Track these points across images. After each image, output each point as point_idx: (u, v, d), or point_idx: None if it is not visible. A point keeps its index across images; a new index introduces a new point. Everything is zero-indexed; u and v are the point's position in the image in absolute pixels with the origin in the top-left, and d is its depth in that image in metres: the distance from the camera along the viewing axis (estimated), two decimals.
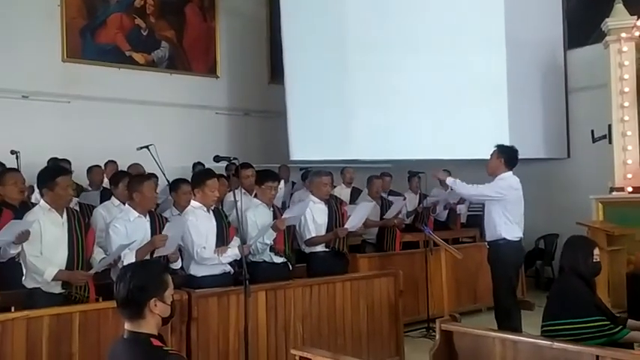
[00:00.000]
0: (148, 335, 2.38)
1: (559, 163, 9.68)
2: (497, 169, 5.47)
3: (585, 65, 9.27)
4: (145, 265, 2.84)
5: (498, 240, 5.36)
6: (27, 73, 8.01)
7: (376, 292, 5.37)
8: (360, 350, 5.11)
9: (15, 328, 3.69)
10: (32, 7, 8.14)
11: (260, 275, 4.93)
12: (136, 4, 9.09)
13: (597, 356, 3.26)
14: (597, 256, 3.76)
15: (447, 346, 4.08)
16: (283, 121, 8.68)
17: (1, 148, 6.63)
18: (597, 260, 3.75)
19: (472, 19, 8.82)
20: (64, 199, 4.25)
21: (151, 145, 6.95)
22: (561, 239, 8.97)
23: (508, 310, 5.31)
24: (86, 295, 4.18)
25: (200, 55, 9.66)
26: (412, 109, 8.64)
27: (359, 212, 5.84)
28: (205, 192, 4.81)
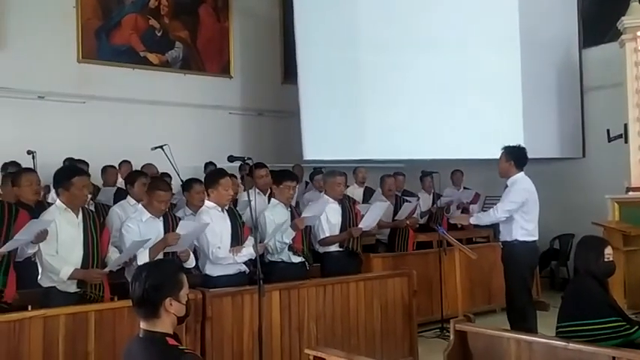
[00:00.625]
0: (163, 334, 2.39)
1: (574, 163, 9.60)
2: (508, 171, 5.45)
3: (601, 64, 9.18)
4: (161, 264, 2.85)
5: (513, 241, 5.33)
6: (43, 73, 8.07)
7: (390, 292, 5.35)
8: (373, 350, 5.10)
9: (32, 327, 3.71)
10: (48, 8, 8.20)
11: (278, 275, 4.97)
12: (150, 4, 9.14)
13: (613, 357, 3.23)
14: (609, 255, 3.72)
15: (462, 346, 4.06)
16: (296, 121, 8.69)
17: (18, 148, 6.68)
18: (609, 260, 3.72)
19: (486, 18, 8.78)
20: (80, 199, 4.27)
21: (165, 145, 6.99)
22: (576, 239, 8.78)
23: (523, 310, 5.28)
24: (101, 294, 4.21)
25: (214, 55, 9.69)
26: (425, 108, 8.61)
27: (373, 212, 5.83)
28: (219, 191, 4.83)
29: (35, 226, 3.86)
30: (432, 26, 8.70)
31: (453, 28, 8.67)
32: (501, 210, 5.36)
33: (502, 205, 5.37)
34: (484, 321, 6.52)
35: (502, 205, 5.37)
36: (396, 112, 8.58)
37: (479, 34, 8.71)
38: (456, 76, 8.62)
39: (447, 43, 8.66)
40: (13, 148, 6.75)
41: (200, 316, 4.28)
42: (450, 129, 8.51)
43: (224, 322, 4.43)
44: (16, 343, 3.65)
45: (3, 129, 7.58)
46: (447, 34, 8.68)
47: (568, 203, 8.77)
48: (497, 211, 5.38)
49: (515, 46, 8.98)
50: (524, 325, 5.00)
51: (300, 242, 5.26)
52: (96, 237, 4.27)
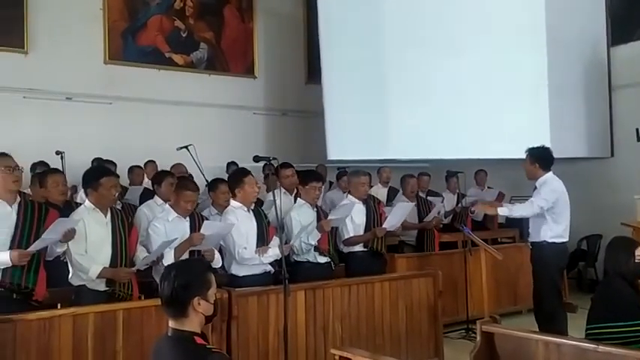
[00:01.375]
0: (191, 333, 2.41)
1: (602, 163, 9.46)
2: (535, 173, 5.38)
3: (629, 62, 9.05)
4: (189, 264, 2.87)
5: (542, 242, 5.27)
6: (70, 75, 8.19)
7: (415, 292, 5.33)
8: (399, 350, 5.08)
9: (62, 325, 3.76)
10: (75, 11, 8.33)
11: (303, 275, 4.98)
12: (175, 6, 9.23)
13: None
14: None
15: (488, 348, 4.03)
16: (320, 121, 8.70)
17: (47, 148, 6.77)
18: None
19: (512, 17, 8.67)
20: (108, 199, 4.31)
21: (190, 145, 7.05)
22: (605, 240, 8.76)
23: (552, 312, 5.20)
24: (129, 292, 4.24)
25: (238, 55, 9.75)
26: (450, 108, 8.54)
27: (397, 212, 5.82)
28: (245, 190, 4.85)
29: (62, 225, 3.90)
30: (456, 25, 8.63)
31: (478, 26, 8.59)
32: (536, 205, 5.28)
33: (536, 200, 5.29)
34: (510, 322, 6.45)
35: (536, 201, 5.29)
36: (421, 111, 8.53)
37: (504, 33, 8.62)
38: (480, 75, 8.54)
39: (472, 41, 8.58)
40: (42, 149, 6.84)
41: (226, 316, 4.29)
42: (475, 128, 8.43)
43: (250, 322, 4.44)
44: (47, 340, 3.71)
45: (32, 130, 7.70)
46: (471, 33, 8.60)
47: (596, 203, 8.65)
48: (533, 205, 5.30)
49: (541, 43, 8.85)
50: (554, 328, 4.93)
51: (326, 243, 5.26)
52: (124, 236, 4.31)
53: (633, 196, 7.76)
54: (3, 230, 3.85)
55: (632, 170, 8.55)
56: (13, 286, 3.82)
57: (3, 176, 3.87)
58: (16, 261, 3.74)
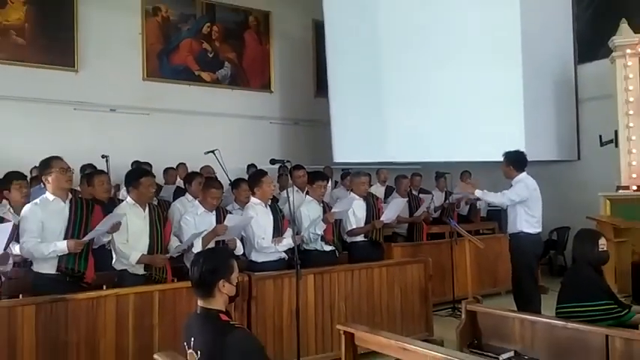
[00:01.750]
0: (217, 311, 2.41)
1: (570, 165, 9.42)
2: (511, 173, 5.35)
3: (594, 78, 8.99)
4: (215, 251, 2.88)
5: (519, 232, 5.23)
6: (114, 90, 8.20)
7: (408, 276, 5.30)
8: (394, 326, 5.05)
9: (107, 303, 3.78)
10: (118, 35, 8.34)
11: (312, 261, 4.97)
12: (203, 30, 9.23)
13: (607, 335, 3.17)
14: (603, 245, 3.64)
15: (472, 324, 4.02)
16: (327, 128, 8.69)
17: (94, 153, 6.77)
18: (604, 249, 3.63)
19: (491, 37, 8.66)
20: (147, 196, 4.33)
21: (216, 150, 7.05)
22: (572, 232, 8.72)
23: (529, 294, 5.17)
24: (164, 276, 4.26)
25: (257, 73, 9.75)
26: (440, 117, 8.52)
27: (393, 207, 5.80)
28: (263, 188, 4.86)
29: (111, 219, 3.93)
30: (444, 46, 8.59)
31: (462, 46, 8.57)
32: (507, 197, 5.25)
33: (508, 193, 5.27)
34: (490, 302, 6.43)
35: (508, 194, 5.26)
36: (414, 120, 8.50)
37: (485, 51, 8.59)
38: (465, 88, 8.51)
39: (457, 60, 8.56)
40: (90, 153, 6.83)
41: (246, 296, 4.30)
42: (461, 134, 8.41)
43: (267, 301, 4.44)
44: (94, 316, 3.72)
45: (81, 137, 7.71)
46: (456, 53, 8.57)
47: (565, 200, 8.60)
48: (504, 196, 5.27)
49: (517, 61, 8.84)
50: (530, 308, 4.90)
51: (330, 233, 5.25)
52: (160, 228, 4.32)
53: (597, 193, 7.75)
54: (58, 223, 3.87)
55: (596, 171, 8.52)
56: (68, 270, 3.84)
57: (58, 176, 3.90)
58: (72, 249, 3.77)
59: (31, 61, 7.74)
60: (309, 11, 9.78)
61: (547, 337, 3.50)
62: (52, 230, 3.84)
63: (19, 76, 7.59)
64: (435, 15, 8.62)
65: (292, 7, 9.96)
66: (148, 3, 8.73)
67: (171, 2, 8.93)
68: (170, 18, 8.93)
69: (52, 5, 7.92)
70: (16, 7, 7.73)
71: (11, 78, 7.53)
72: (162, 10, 8.85)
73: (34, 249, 3.73)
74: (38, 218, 3.81)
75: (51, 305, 3.58)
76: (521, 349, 3.64)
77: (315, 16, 9.68)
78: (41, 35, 7.84)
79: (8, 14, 7.68)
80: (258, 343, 2.40)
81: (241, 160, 8.18)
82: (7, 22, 7.67)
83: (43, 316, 3.54)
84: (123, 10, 8.44)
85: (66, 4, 7.99)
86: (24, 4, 7.77)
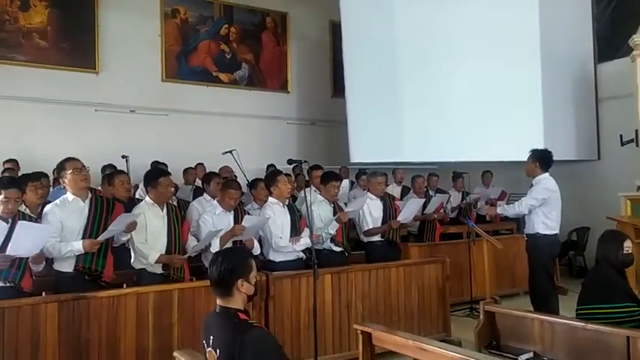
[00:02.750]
0: (236, 310, 2.42)
1: (590, 164, 9.28)
2: (534, 171, 5.28)
3: (614, 77, 8.85)
4: (234, 251, 2.88)
5: (536, 233, 5.17)
6: (134, 91, 8.27)
7: (426, 276, 5.27)
8: (411, 326, 5.03)
9: (127, 301, 3.82)
10: (138, 37, 8.42)
11: (323, 261, 4.92)
12: (221, 32, 9.28)
13: (628, 337, 3.11)
14: (628, 248, 3.59)
15: (490, 324, 3.99)
16: (344, 129, 8.67)
17: (114, 153, 6.85)
18: (628, 252, 3.58)
19: (511, 36, 8.55)
20: (165, 196, 4.35)
21: (233, 150, 7.06)
22: (592, 232, 8.62)
23: (545, 295, 5.10)
24: (182, 275, 4.27)
25: (274, 74, 9.77)
26: (457, 117, 8.44)
27: (410, 207, 5.77)
28: (280, 187, 4.87)
29: (125, 218, 3.95)
30: (462, 45, 8.51)
31: (481, 46, 8.47)
32: (525, 205, 5.22)
33: (526, 200, 5.22)
34: (509, 303, 6.39)
35: (526, 200, 5.22)
36: (431, 120, 8.44)
37: (504, 50, 8.49)
38: (483, 88, 8.42)
39: (476, 58, 8.46)
40: (110, 153, 6.92)
41: (264, 295, 4.31)
42: (479, 134, 8.32)
43: (284, 300, 4.45)
44: (115, 314, 3.76)
45: (102, 137, 7.79)
46: (475, 51, 8.48)
47: (585, 200, 8.48)
48: (522, 205, 5.23)
49: (536, 61, 8.73)
50: (547, 308, 4.84)
51: (340, 235, 5.22)
52: (178, 228, 4.34)
53: (617, 193, 7.61)
54: (77, 222, 3.92)
55: (616, 171, 8.38)
56: (85, 269, 3.89)
57: (73, 177, 3.95)
58: (87, 248, 3.82)
59: (53, 64, 7.85)
60: (326, 12, 9.78)
61: (567, 338, 3.46)
62: (71, 229, 3.89)
63: (41, 78, 7.71)
64: (452, 14, 8.55)
65: (309, 8, 9.97)
66: (167, 5, 8.80)
67: (189, 4, 8.99)
68: (188, 20, 8.99)
69: (74, 8, 8.03)
70: (38, 10, 7.86)
71: (34, 80, 7.65)
72: (181, 12, 8.92)
73: (52, 248, 3.78)
74: (57, 218, 3.86)
75: (73, 303, 3.63)
76: (540, 351, 3.61)
77: (331, 17, 9.68)
78: (63, 38, 7.95)
79: (31, 17, 7.81)
80: (276, 342, 2.41)
81: (259, 160, 8.19)
82: (30, 25, 7.79)
83: (66, 314, 3.59)
84: (142, 13, 8.52)
85: (87, 8, 8.09)
86: (46, 8, 7.89)
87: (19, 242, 3.46)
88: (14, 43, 7.65)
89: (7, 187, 3.64)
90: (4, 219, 3.60)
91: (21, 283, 3.64)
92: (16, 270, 3.61)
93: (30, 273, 3.74)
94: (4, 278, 3.57)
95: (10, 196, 3.60)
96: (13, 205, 3.63)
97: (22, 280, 3.64)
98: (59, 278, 3.90)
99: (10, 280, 3.60)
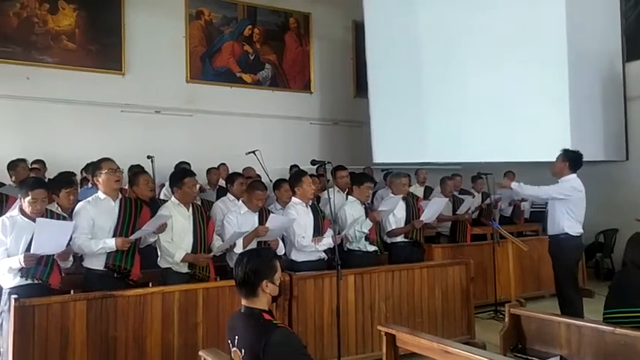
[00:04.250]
0: (260, 310, 2.44)
1: (618, 165, 9.09)
2: (562, 171, 5.19)
3: None
4: (260, 252, 2.90)
5: (559, 234, 5.09)
6: (159, 92, 8.36)
7: (450, 278, 5.24)
8: (435, 328, 5.01)
9: (153, 300, 3.87)
10: (163, 39, 8.50)
11: (355, 261, 4.96)
12: (245, 33, 9.34)
13: None
14: None
15: (515, 328, 3.95)
16: (367, 129, 8.64)
17: (140, 153, 6.88)
18: None
19: (537, 34, 8.43)
20: (190, 196, 4.41)
21: (257, 151, 7.11)
22: (620, 234, 8.45)
23: (569, 297, 5.04)
24: (207, 274, 4.32)
25: (297, 74, 9.79)
26: (480, 116, 8.35)
27: (433, 206, 5.74)
28: (304, 188, 4.88)
29: (159, 219, 4.04)
30: (487, 43, 8.41)
31: (507, 45, 8.36)
32: (544, 192, 5.11)
33: (548, 188, 5.12)
34: (534, 305, 6.30)
35: (548, 189, 5.12)
36: (454, 119, 8.37)
37: (530, 49, 8.36)
38: (508, 87, 8.31)
39: (500, 57, 8.36)
40: (136, 154, 6.96)
41: (288, 295, 4.33)
42: (504, 134, 8.23)
43: (307, 301, 4.46)
44: (141, 312, 3.82)
45: (127, 138, 7.87)
46: (500, 50, 8.37)
47: (612, 201, 8.32)
48: (541, 190, 5.13)
49: (563, 60, 8.58)
50: (571, 311, 4.78)
51: (374, 233, 5.24)
52: (203, 227, 4.39)
53: None
54: (108, 221, 4.01)
55: None
56: (115, 267, 3.96)
57: (108, 177, 4.03)
58: (120, 246, 3.90)
59: (81, 65, 7.99)
60: (349, 12, 9.76)
61: (594, 342, 3.40)
62: (102, 227, 3.97)
63: (69, 79, 7.85)
64: (477, 14, 8.46)
65: (332, 9, 9.97)
66: (192, 7, 8.89)
67: (214, 6, 9.07)
68: (213, 21, 9.07)
69: (101, 11, 8.16)
70: (67, 13, 8.01)
71: (62, 81, 7.79)
72: (206, 14, 9.00)
73: (84, 245, 3.86)
74: (90, 216, 3.94)
75: (101, 301, 3.70)
76: (567, 355, 3.56)
77: (354, 17, 9.66)
78: (90, 40, 8.09)
79: (60, 20, 7.97)
80: (300, 342, 2.42)
81: (282, 161, 8.22)
82: (59, 27, 7.95)
83: (94, 312, 3.66)
84: (167, 15, 8.62)
85: (114, 11, 8.22)
86: (74, 11, 8.04)
87: (41, 240, 3.54)
88: (43, 45, 7.81)
89: (33, 187, 3.73)
90: (32, 219, 3.69)
91: (49, 280, 3.72)
92: (44, 267, 3.70)
93: (58, 270, 3.82)
94: (32, 275, 3.66)
95: (38, 196, 3.70)
96: (40, 205, 3.72)
97: (50, 277, 3.73)
98: (89, 276, 3.99)
99: (38, 277, 3.68)
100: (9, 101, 7.47)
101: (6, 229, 3.64)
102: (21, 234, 3.64)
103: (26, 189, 3.72)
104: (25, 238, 3.63)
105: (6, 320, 3.58)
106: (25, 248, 3.60)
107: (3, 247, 3.63)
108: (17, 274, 3.64)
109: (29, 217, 3.70)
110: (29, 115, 7.57)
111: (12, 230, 3.64)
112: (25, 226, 3.67)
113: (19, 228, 3.66)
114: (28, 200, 3.68)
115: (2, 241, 3.63)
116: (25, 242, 3.62)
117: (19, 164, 5.95)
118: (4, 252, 3.62)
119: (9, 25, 7.61)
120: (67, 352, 3.56)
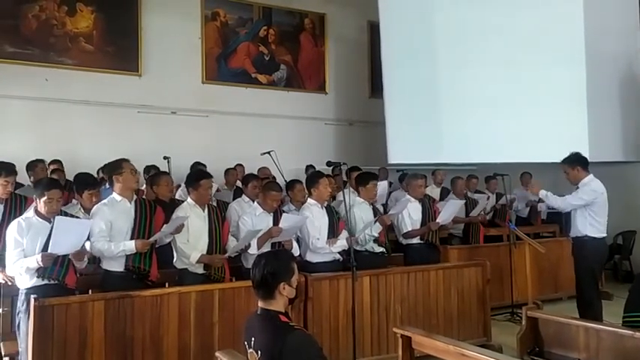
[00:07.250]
0: (277, 312, 2.44)
1: (637, 166, 8.94)
2: (578, 176, 5.14)
3: None
4: (277, 254, 2.90)
5: (583, 236, 5.04)
6: (175, 93, 8.44)
7: (466, 279, 5.20)
8: (451, 330, 4.97)
9: (170, 300, 3.90)
10: (179, 41, 8.58)
11: (363, 262, 4.91)
12: (260, 34, 9.38)
13: None
14: None
15: (533, 330, 3.91)
16: (382, 129, 8.64)
17: (156, 154, 6.98)
18: None
19: (554, 34, 8.32)
20: (206, 197, 4.43)
21: (272, 151, 7.13)
22: (638, 235, 8.33)
23: (590, 300, 4.98)
24: (223, 275, 4.33)
25: (312, 75, 9.81)
26: (496, 117, 8.26)
27: (449, 208, 5.70)
28: (320, 189, 4.88)
29: (177, 221, 4.08)
30: (502, 43, 8.32)
31: (523, 45, 8.27)
32: (568, 202, 5.10)
33: (571, 198, 5.09)
34: (551, 308, 6.22)
35: (571, 199, 5.09)
36: (470, 120, 8.30)
37: (547, 49, 8.26)
38: (525, 87, 8.21)
39: (518, 58, 8.27)
40: (152, 154, 7.04)
41: (303, 297, 4.31)
42: (520, 135, 8.12)
43: (323, 302, 4.46)
44: (158, 312, 3.85)
45: (144, 138, 7.96)
46: (516, 50, 8.28)
47: (631, 203, 8.20)
48: (565, 201, 5.11)
49: (581, 60, 8.45)
50: (590, 314, 4.72)
51: (383, 235, 5.21)
52: (218, 228, 4.40)
53: None
54: (125, 223, 4.03)
55: None
56: (135, 269, 3.99)
57: (128, 177, 4.08)
58: (139, 249, 3.94)
59: (98, 67, 8.09)
60: (364, 13, 9.76)
61: (613, 346, 3.35)
62: (119, 229, 4.00)
63: (86, 81, 7.95)
64: (493, 14, 8.38)
65: (347, 9, 9.97)
66: (207, 8, 8.95)
67: (229, 7, 9.12)
68: (228, 22, 9.12)
69: (118, 13, 8.25)
70: (85, 15, 8.11)
71: (80, 83, 7.89)
72: (221, 15, 9.05)
73: (104, 248, 3.90)
74: (107, 218, 3.98)
75: (119, 301, 3.73)
76: (585, 358, 3.51)
77: (369, 18, 9.65)
78: (108, 42, 8.18)
79: (78, 22, 8.07)
80: (316, 344, 2.41)
81: (297, 161, 8.23)
82: (77, 29, 8.05)
83: (112, 312, 3.70)
84: (183, 17, 8.68)
85: (131, 13, 8.30)
86: (92, 13, 8.14)
87: (58, 238, 3.57)
88: (62, 47, 7.91)
89: (49, 188, 3.77)
90: (47, 219, 3.73)
91: (65, 279, 3.76)
92: (60, 267, 3.73)
93: (74, 269, 3.85)
94: (48, 276, 3.70)
95: (53, 196, 3.73)
96: (56, 205, 3.75)
97: (66, 277, 3.77)
98: (108, 277, 4.02)
99: (55, 277, 3.72)
100: (27, 102, 7.59)
101: (22, 231, 3.68)
102: (36, 235, 3.68)
103: (42, 189, 3.76)
104: (40, 239, 3.67)
105: (23, 321, 3.62)
106: (40, 249, 3.64)
107: (19, 248, 3.66)
108: (34, 275, 3.68)
109: (44, 218, 3.74)
110: (47, 116, 7.68)
111: (28, 231, 3.68)
112: (40, 227, 3.71)
113: (34, 229, 3.69)
114: (43, 200, 3.71)
115: (18, 242, 3.66)
116: (41, 243, 3.66)
117: (38, 165, 6.04)
118: (21, 253, 3.65)
119: (28, 28, 7.73)
120: (85, 352, 3.60)
